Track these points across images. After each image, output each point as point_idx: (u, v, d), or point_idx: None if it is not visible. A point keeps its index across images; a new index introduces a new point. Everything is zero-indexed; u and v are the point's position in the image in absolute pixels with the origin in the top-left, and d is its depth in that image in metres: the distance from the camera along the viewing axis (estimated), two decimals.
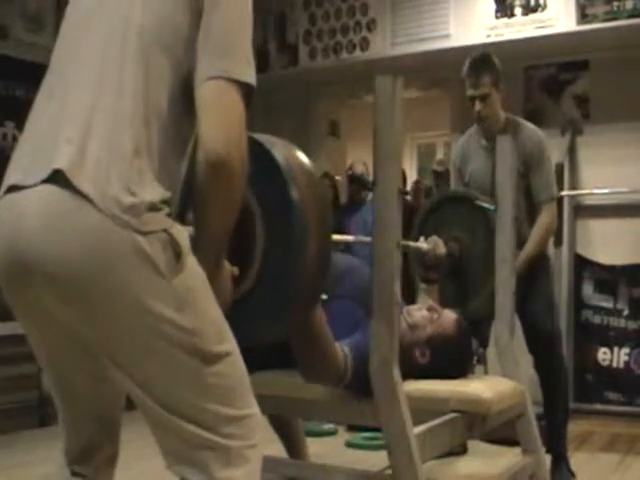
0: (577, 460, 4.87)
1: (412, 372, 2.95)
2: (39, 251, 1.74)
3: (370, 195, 6.47)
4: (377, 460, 4.46)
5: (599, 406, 6.61)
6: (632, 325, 6.65)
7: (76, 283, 1.74)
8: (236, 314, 2.17)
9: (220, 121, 1.85)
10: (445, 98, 8.08)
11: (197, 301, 1.85)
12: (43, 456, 4.86)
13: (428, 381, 2.95)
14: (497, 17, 6.85)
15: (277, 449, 3.70)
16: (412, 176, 10.76)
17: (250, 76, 1.91)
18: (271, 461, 3.36)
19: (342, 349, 2.75)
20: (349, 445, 5.44)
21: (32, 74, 6.48)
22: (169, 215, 1.82)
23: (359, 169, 7.46)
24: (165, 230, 1.78)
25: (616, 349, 6.67)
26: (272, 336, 2.47)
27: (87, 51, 1.93)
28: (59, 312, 1.83)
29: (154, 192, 1.79)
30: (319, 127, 8.66)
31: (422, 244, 3.58)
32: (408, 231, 3.53)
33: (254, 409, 1.96)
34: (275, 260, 2.28)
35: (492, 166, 3.87)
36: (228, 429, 1.88)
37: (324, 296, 2.78)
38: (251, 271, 2.30)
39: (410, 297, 3.65)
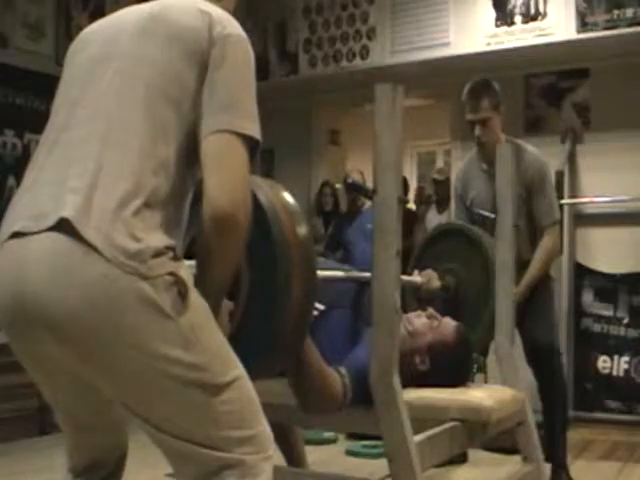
0: (577, 468, 4.87)
1: (412, 379, 2.95)
2: (44, 301, 1.75)
3: (368, 203, 6.47)
4: (377, 468, 4.46)
5: (599, 414, 6.60)
6: (632, 333, 6.64)
7: (82, 334, 1.75)
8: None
9: (226, 178, 1.87)
10: (445, 106, 8.08)
11: (202, 337, 1.86)
12: (43, 464, 4.86)
13: (428, 389, 2.95)
14: (497, 25, 6.86)
15: (276, 457, 3.69)
16: (412, 184, 10.76)
17: (255, 131, 1.94)
18: None
19: (339, 373, 2.73)
20: (349, 453, 5.43)
21: (32, 82, 6.50)
22: (173, 258, 1.83)
23: (355, 177, 7.47)
24: (170, 273, 1.80)
25: (616, 357, 6.66)
26: (258, 375, 2.47)
27: (92, 101, 1.94)
28: (66, 361, 1.83)
29: (158, 239, 1.81)
30: (319, 135, 8.67)
31: (416, 277, 3.58)
32: (408, 237, 3.53)
33: (264, 426, 1.98)
34: (259, 301, 2.29)
35: (493, 191, 3.87)
36: (242, 449, 1.89)
37: (322, 307, 2.78)
38: (236, 312, 2.28)
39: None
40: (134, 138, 1.86)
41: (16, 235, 1.82)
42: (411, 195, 9.95)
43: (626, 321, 6.68)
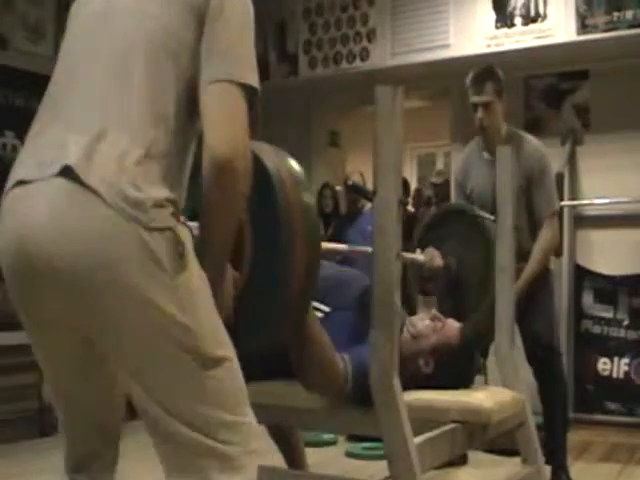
0: (577, 470, 4.87)
1: (417, 382, 2.95)
2: (46, 244, 1.78)
3: (368, 205, 6.47)
4: (377, 470, 4.46)
5: (599, 416, 6.60)
6: (632, 335, 6.64)
7: (80, 276, 1.77)
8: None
9: (224, 123, 1.89)
10: (445, 108, 8.08)
11: (198, 303, 1.88)
12: (43, 466, 4.86)
13: (428, 391, 2.95)
14: (497, 27, 6.86)
15: (276, 459, 3.70)
16: (412, 186, 10.76)
17: (253, 80, 1.97)
18: (270, 471, 3.35)
19: (342, 358, 2.74)
20: (349, 455, 5.44)
21: (32, 84, 6.50)
22: (174, 215, 1.85)
23: (356, 179, 7.46)
24: (170, 228, 1.82)
25: (616, 359, 6.66)
26: (263, 344, 2.47)
27: (96, 57, 1.97)
28: (64, 307, 1.85)
29: (160, 191, 1.83)
30: (319, 137, 8.67)
31: (419, 255, 3.58)
32: (408, 241, 3.53)
33: (250, 418, 1.98)
34: (263, 269, 2.30)
35: (493, 180, 3.87)
36: (225, 435, 1.89)
37: (327, 308, 2.78)
38: (240, 280, 2.30)
39: (409, 310, 3.63)
40: (135, 91, 1.90)
41: (21, 183, 1.87)
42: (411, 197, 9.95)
43: (626, 323, 6.68)
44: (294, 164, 2.40)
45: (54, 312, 1.88)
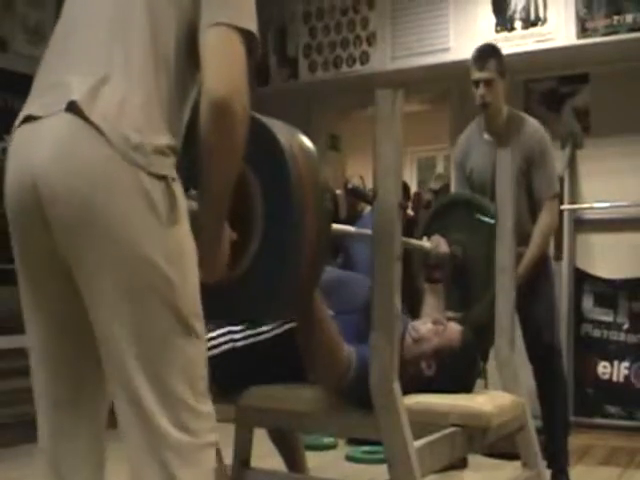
0: (577, 473, 4.87)
1: (418, 385, 2.95)
2: (52, 179, 1.82)
3: (367, 208, 6.47)
4: (377, 474, 4.46)
5: (599, 420, 6.60)
6: (632, 339, 6.64)
7: (78, 208, 1.80)
8: (236, 292, 2.28)
9: (223, 66, 1.91)
10: (445, 111, 8.08)
11: (183, 261, 1.90)
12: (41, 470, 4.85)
13: (428, 395, 2.94)
14: (497, 31, 6.86)
15: (277, 462, 3.70)
16: (412, 190, 10.76)
17: (252, 26, 1.98)
18: (270, 475, 3.36)
19: (347, 347, 2.74)
20: (349, 459, 5.43)
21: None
22: (174, 166, 1.89)
23: (356, 183, 7.47)
24: (166, 178, 1.85)
25: (616, 363, 6.66)
26: (272, 314, 2.48)
27: (99, 2, 2.01)
28: (61, 241, 1.87)
29: (161, 137, 1.87)
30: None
31: (425, 243, 3.57)
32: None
33: (211, 409, 1.97)
34: (273, 238, 2.30)
35: (493, 160, 3.88)
36: (184, 417, 1.88)
37: (331, 312, 2.78)
38: (250, 248, 2.32)
39: (416, 302, 3.63)
40: (137, 36, 1.92)
41: (29, 119, 1.92)
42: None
43: (626, 327, 6.67)
44: (306, 140, 2.42)
45: (49, 250, 1.91)
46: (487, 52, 4.58)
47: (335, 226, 2.68)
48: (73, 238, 1.84)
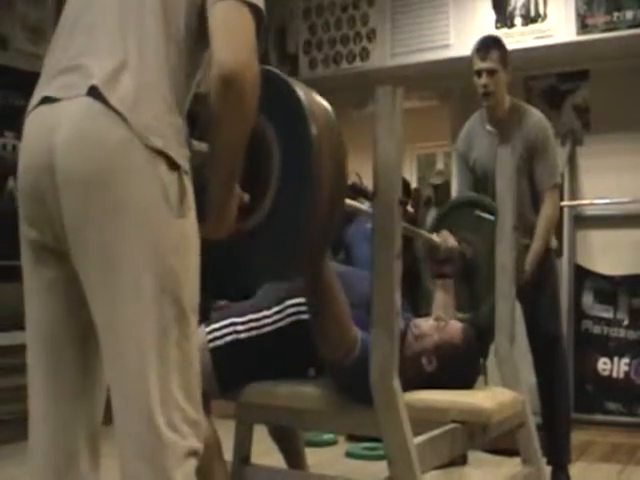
0: (577, 470, 4.88)
1: (419, 382, 2.95)
2: (66, 157, 1.85)
3: (366, 204, 6.47)
4: (377, 470, 4.46)
5: (599, 416, 6.60)
6: (632, 335, 6.64)
7: (94, 190, 1.82)
8: (248, 247, 2.30)
9: (233, 37, 1.92)
10: (445, 108, 8.07)
11: (187, 255, 1.91)
12: None
13: (428, 391, 2.94)
14: (497, 27, 6.85)
15: (276, 459, 3.70)
16: (413, 186, 10.75)
17: (260, 2, 2.03)
18: (270, 471, 3.36)
19: (354, 326, 2.74)
20: (349, 455, 5.43)
21: (32, 84, 6.46)
22: (187, 158, 1.93)
23: (352, 179, 7.46)
24: (180, 169, 1.88)
25: (616, 359, 6.66)
26: (283, 271, 2.47)
27: None
28: (67, 219, 1.88)
29: (177, 119, 1.92)
30: None
31: (434, 236, 3.56)
32: (408, 242, 3.51)
33: (201, 417, 1.97)
34: (289, 193, 2.30)
35: (496, 151, 3.88)
36: (175, 418, 1.88)
37: None
38: (264, 203, 2.32)
39: (417, 305, 3.63)
40: (150, 19, 1.94)
41: (46, 100, 1.93)
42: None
43: (626, 323, 6.68)
44: (324, 101, 2.45)
45: (57, 232, 1.93)
46: (490, 42, 4.59)
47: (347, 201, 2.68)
48: (82, 220, 1.85)
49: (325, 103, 2.43)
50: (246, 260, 2.38)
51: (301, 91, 2.35)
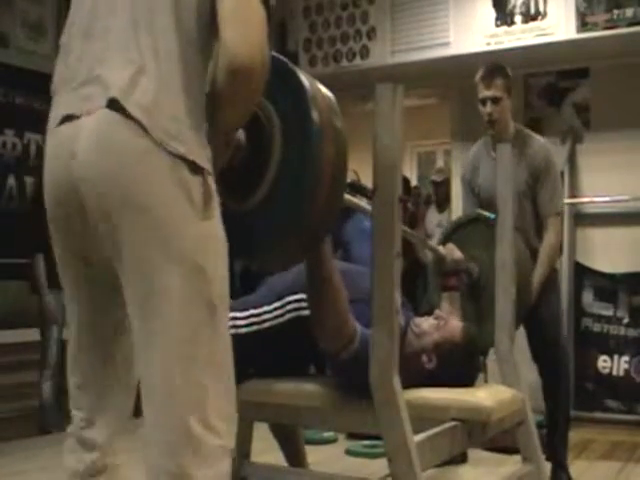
0: (577, 468, 4.88)
1: (419, 379, 2.95)
2: (89, 171, 1.86)
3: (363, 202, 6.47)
4: (377, 468, 4.47)
5: (599, 414, 6.61)
6: (632, 333, 6.65)
7: (118, 200, 1.83)
8: (250, 224, 2.32)
9: (243, 30, 1.91)
10: (445, 106, 8.08)
11: (214, 255, 1.92)
12: (43, 464, 4.86)
13: (428, 389, 2.94)
14: (497, 25, 6.86)
15: (276, 457, 3.70)
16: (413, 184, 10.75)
17: None
18: (270, 469, 3.36)
19: (353, 319, 2.74)
20: (349, 453, 5.43)
21: (32, 82, 6.49)
22: (209, 159, 1.93)
23: (350, 177, 7.45)
24: (203, 171, 1.89)
25: (616, 357, 6.67)
26: (283, 250, 2.47)
27: None
28: (96, 230, 1.90)
29: (198, 122, 1.92)
30: None
31: (440, 248, 3.56)
32: (409, 241, 3.51)
33: (236, 411, 1.98)
34: (290, 176, 2.31)
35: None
36: (213, 413, 1.88)
37: None
38: (265, 180, 2.33)
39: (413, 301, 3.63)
40: (162, 20, 1.93)
41: (67, 118, 1.93)
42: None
43: (626, 321, 6.68)
44: (324, 88, 2.44)
45: (87, 242, 1.96)
46: (494, 71, 4.61)
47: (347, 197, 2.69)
48: (110, 227, 1.87)
49: (327, 90, 2.44)
50: (247, 240, 2.39)
51: (304, 77, 2.36)
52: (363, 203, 2.96)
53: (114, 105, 1.84)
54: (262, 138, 2.33)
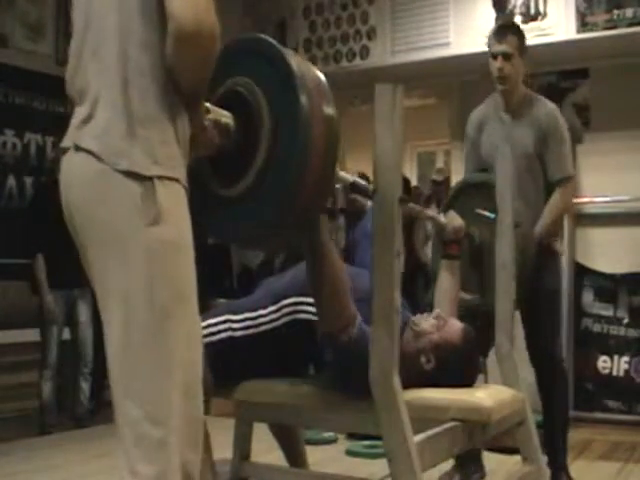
0: (577, 468, 4.87)
1: (419, 380, 2.95)
2: (67, 194, 2.08)
3: (369, 203, 6.46)
4: (377, 468, 4.46)
5: (599, 414, 6.61)
6: (632, 333, 6.65)
7: (83, 215, 2.03)
8: (240, 207, 2.36)
9: None
10: (445, 106, 8.08)
11: (165, 257, 1.99)
12: (42, 465, 4.85)
13: (428, 389, 2.94)
14: None
15: (276, 457, 3.70)
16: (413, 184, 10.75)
17: None
18: (271, 469, 3.36)
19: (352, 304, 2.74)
20: (349, 453, 5.43)
21: (32, 82, 6.49)
22: (167, 167, 2.01)
23: (354, 178, 7.46)
24: (152, 179, 1.98)
25: (616, 357, 6.67)
26: (275, 231, 2.50)
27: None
28: (80, 241, 2.09)
29: (161, 126, 2.01)
30: None
31: (440, 217, 3.55)
32: (409, 237, 3.51)
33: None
34: (279, 155, 2.33)
35: (510, 141, 3.85)
36: (149, 426, 1.95)
37: None
38: (257, 160, 2.36)
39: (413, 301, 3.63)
40: (107, 27, 2.03)
41: (64, 151, 2.10)
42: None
43: (626, 321, 6.68)
44: (316, 70, 2.47)
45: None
46: (507, 27, 4.51)
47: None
48: (83, 240, 2.07)
49: (318, 72, 2.46)
50: (239, 222, 2.43)
51: (292, 59, 2.37)
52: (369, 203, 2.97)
53: (75, 145, 2.03)
54: (251, 123, 2.35)
